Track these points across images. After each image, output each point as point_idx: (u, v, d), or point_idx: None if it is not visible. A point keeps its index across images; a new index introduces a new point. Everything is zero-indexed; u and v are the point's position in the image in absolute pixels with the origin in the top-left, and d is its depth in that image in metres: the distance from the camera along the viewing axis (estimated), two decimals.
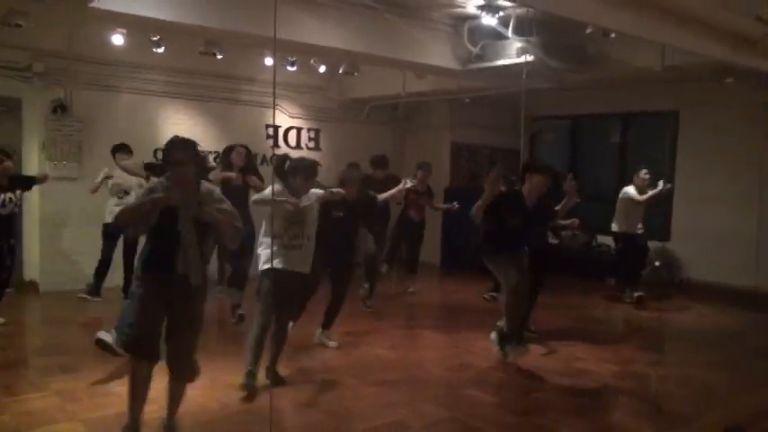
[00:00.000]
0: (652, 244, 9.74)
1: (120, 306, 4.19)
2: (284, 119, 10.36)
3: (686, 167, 9.79)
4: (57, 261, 8.23)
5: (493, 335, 5.89)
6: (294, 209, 4.93)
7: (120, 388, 4.71)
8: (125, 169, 7.36)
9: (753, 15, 4.87)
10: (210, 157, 7.80)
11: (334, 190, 5.36)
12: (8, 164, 6.50)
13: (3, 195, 6.43)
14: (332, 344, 6.13)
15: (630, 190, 8.48)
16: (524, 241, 5.86)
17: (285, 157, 5.24)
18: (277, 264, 4.89)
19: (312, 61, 8.98)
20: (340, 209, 5.92)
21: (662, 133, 10.29)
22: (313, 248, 5.12)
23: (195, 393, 4.50)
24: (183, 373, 3.89)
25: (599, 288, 9.25)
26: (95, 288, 7.62)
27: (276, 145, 10.17)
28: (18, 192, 6.63)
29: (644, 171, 8.44)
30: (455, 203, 8.38)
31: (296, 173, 5.01)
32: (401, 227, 8.63)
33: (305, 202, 5.03)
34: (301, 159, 5.25)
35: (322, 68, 9.22)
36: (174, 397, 3.95)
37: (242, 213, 6.53)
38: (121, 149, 7.56)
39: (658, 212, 9.74)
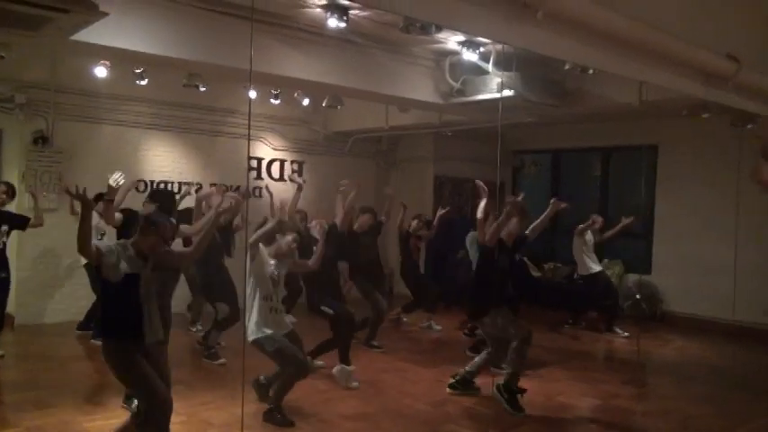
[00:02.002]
0: (633, 276, 9.83)
1: None
2: (267, 151, 10.39)
3: (666, 201, 9.90)
4: (33, 294, 8.11)
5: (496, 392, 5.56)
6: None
7: (90, 424, 4.64)
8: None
9: (723, 54, 5.00)
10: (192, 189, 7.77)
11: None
12: (4, 196, 6.40)
13: None
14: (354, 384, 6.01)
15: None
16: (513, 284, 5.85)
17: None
18: (278, 331, 5.01)
19: (296, 94, 9.05)
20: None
21: (641, 167, 10.43)
22: None
23: (173, 429, 4.42)
24: None
25: (584, 321, 9.23)
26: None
27: (259, 177, 10.21)
28: (5, 227, 6.44)
29: (595, 215, 8.96)
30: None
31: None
32: (417, 271, 8.86)
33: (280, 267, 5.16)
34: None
35: (306, 101, 9.29)
36: None
37: (217, 261, 6.61)
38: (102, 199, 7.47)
39: (639, 245, 9.87)
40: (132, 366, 3.69)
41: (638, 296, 9.63)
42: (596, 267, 8.86)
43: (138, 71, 7.56)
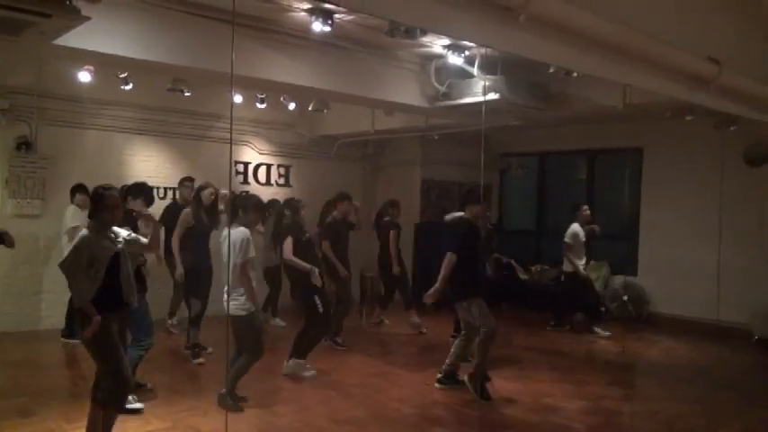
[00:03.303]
0: (619, 278, 9.88)
1: None
2: (254, 155, 10.36)
3: (651, 203, 9.97)
4: (16, 300, 8.02)
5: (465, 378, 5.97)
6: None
7: None
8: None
9: (705, 57, 5.05)
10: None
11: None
12: None
13: None
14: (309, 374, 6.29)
15: (577, 227, 8.88)
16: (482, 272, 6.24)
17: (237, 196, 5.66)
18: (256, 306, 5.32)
19: (282, 98, 9.04)
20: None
21: (627, 169, 10.50)
22: None
23: None
24: None
25: (568, 323, 9.26)
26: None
27: (245, 181, 10.19)
28: None
29: (585, 207, 9.10)
30: None
31: (246, 209, 5.16)
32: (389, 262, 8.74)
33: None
34: (250, 196, 5.58)
35: (292, 105, 9.28)
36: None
37: (204, 253, 6.66)
38: (80, 190, 7.44)
39: (626, 247, 9.93)
40: (107, 340, 4.05)
41: (624, 297, 9.68)
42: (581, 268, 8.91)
43: (122, 76, 7.52)
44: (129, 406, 5.32)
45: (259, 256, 6.06)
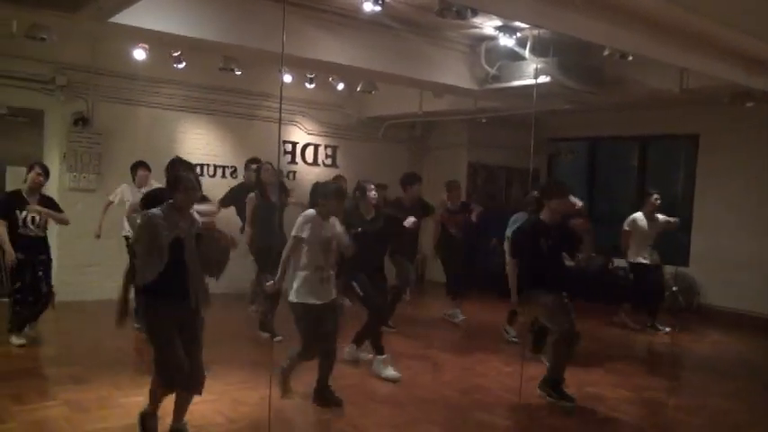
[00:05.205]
0: (670, 268, 9.61)
1: None
2: (302, 135, 10.44)
3: (705, 192, 9.66)
4: (73, 272, 8.30)
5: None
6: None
7: (126, 400, 4.76)
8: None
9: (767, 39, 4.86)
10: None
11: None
12: (40, 178, 6.18)
13: (26, 213, 6.10)
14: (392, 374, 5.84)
15: (639, 216, 8.33)
16: (561, 274, 5.60)
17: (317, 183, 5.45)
18: (317, 299, 4.85)
19: (330, 79, 9.06)
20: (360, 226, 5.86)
21: (681, 157, 10.20)
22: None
23: (202, 408, 4.51)
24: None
25: (614, 312, 9.07)
26: None
27: (293, 161, 10.28)
28: (42, 217, 6.27)
29: (655, 196, 8.27)
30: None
31: (328, 197, 4.99)
32: (448, 246, 8.33)
33: (333, 228, 5.01)
34: (330, 184, 5.47)
35: (340, 86, 9.29)
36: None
37: (274, 231, 6.70)
38: (141, 166, 7.60)
39: (677, 237, 9.66)
40: (159, 333, 3.81)
41: (674, 288, 9.45)
42: (641, 259, 8.34)
43: (176, 54, 7.65)
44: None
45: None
